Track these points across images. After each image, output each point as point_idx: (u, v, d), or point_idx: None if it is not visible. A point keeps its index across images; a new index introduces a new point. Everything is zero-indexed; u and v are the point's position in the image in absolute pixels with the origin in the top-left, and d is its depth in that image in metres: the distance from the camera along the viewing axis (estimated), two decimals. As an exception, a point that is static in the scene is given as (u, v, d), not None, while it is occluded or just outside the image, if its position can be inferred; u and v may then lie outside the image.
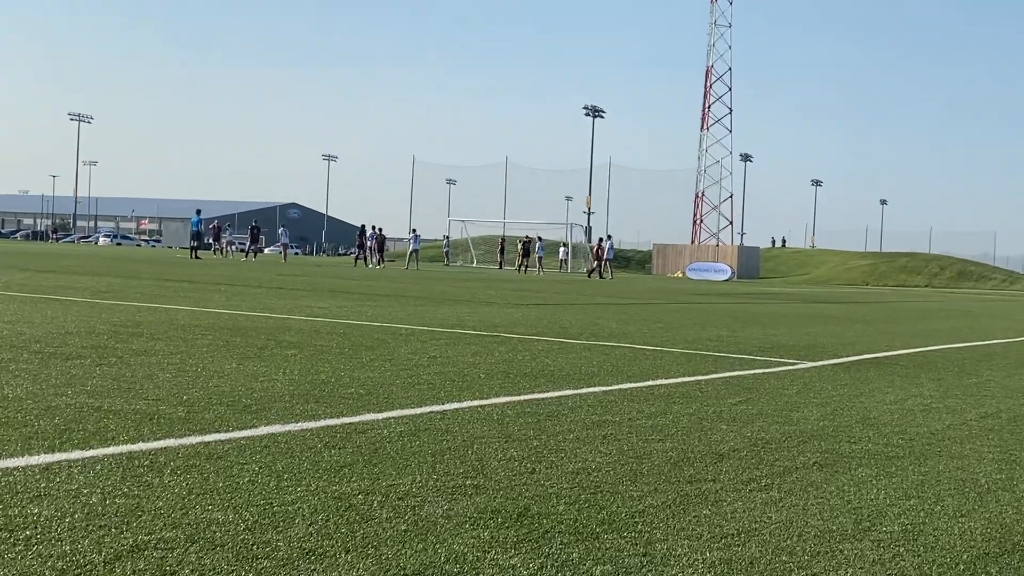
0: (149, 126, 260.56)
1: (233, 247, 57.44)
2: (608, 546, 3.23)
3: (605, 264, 46.68)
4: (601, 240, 48.17)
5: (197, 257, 42.89)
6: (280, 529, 3.21)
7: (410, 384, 6.40)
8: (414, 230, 51.91)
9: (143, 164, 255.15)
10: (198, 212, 47.45)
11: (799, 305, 23.76)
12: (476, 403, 5.78)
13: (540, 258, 54.87)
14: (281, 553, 2.99)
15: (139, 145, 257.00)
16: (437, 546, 3.13)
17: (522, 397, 6.12)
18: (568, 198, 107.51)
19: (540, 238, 57.96)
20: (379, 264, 47.17)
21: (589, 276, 45.32)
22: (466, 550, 3.11)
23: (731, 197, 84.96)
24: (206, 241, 59.45)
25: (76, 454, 4.03)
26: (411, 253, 49.19)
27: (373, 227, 48.86)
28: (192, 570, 2.81)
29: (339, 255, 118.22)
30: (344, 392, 5.93)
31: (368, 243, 47.94)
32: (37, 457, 3.94)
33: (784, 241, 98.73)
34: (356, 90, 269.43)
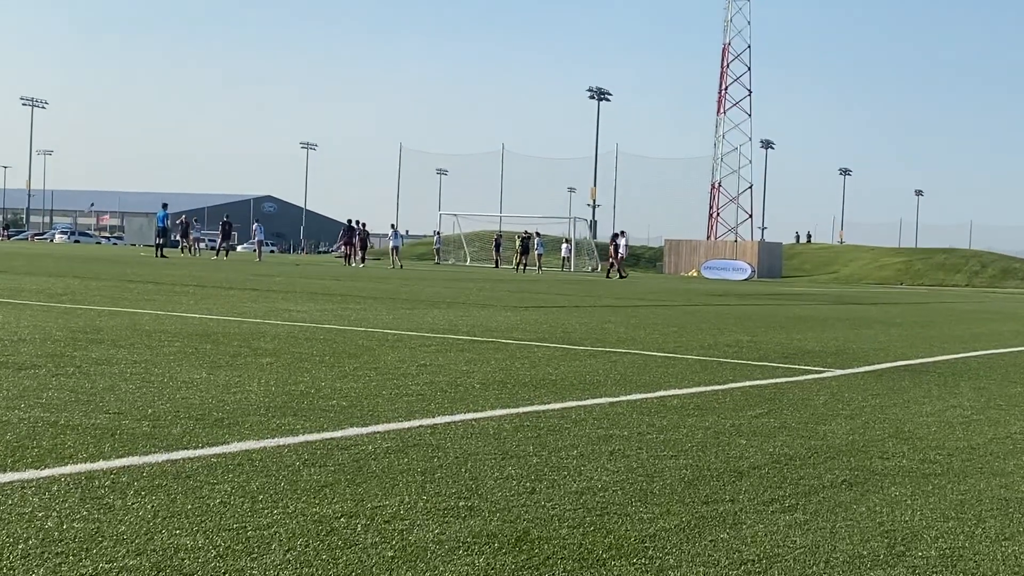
0: (110, 112, 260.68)
1: (202, 244, 57.48)
2: (616, 573, 3.23)
3: (618, 262, 46.58)
4: (615, 236, 47.92)
5: (163, 256, 42.93)
6: (255, 556, 3.21)
7: (397, 395, 6.40)
8: (393, 226, 51.96)
9: (103, 154, 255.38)
10: (164, 206, 47.47)
11: (826, 307, 23.77)
12: (470, 416, 5.78)
13: (540, 256, 54.96)
14: (256, 582, 2.99)
15: (99, 133, 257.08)
16: (427, 574, 3.13)
17: (521, 409, 6.12)
18: (571, 190, 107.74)
19: (539, 234, 58.02)
20: (361, 262, 47.27)
21: (620, 276, 45.16)
22: (460, 578, 3.11)
23: (751, 188, 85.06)
24: (173, 238, 59.52)
25: (30, 474, 4.03)
26: (391, 250, 49.33)
27: (358, 222, 48.97)
28: (158, 601, 2.81)
29: (319, 253, 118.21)
30: (325, 404, 5.93)
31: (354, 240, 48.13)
32: (-13, 477, 3.94)
33: (809, 236, 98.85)
34: (337, 71, 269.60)
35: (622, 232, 48.19)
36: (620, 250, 46.74)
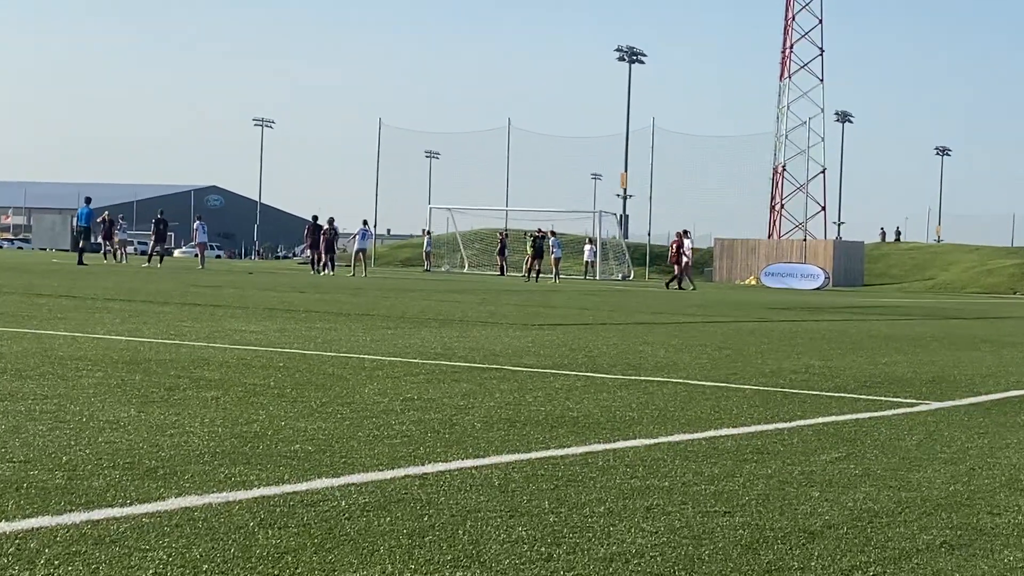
0: (13, 85, 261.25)
1: (130, 248, 57.64)
2: (655, 662, 3.23)
3: (684, 268, 46.02)
4: (680, 236, 47.15)
5: (83, 263, 42.98)
6: (198, 641, 3.21)
7: (377, 437, 6.41)
8: (364, 222, 51.68)
9: (4, 138, 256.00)
10: (87, 201, 47.51)
11: (920, 322, 23.73)
12: (469, 463, 5.78)
13: (557, 260, 54.99)
14: (199, 675, 3.00)
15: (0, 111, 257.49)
16: (416, 663, 3.13)
17: (533, 455, 6.12)
18: (595, 176, 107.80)
19: (555, 232, 58.09)
20: (327, 269, 47.22)
21: (678, 287, 44.77)
22: (457, 669, 3.11)
23: (823, 172, 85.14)
24: (94, 241, 59.69)
25: (-86, 539, 4.03)
26: (356, 253, 49.08)
27: (329, 220, 49.00)
28: None
29: (278, 258, 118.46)
30: (286, 449, 5.93)
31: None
32: None
33: (898, 233, 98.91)
34: (298, 29, 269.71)
35: (686, 231, 47.41)
36: (686, 254, 46.13)
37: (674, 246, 47.21)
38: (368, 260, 52.47)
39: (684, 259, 46.03)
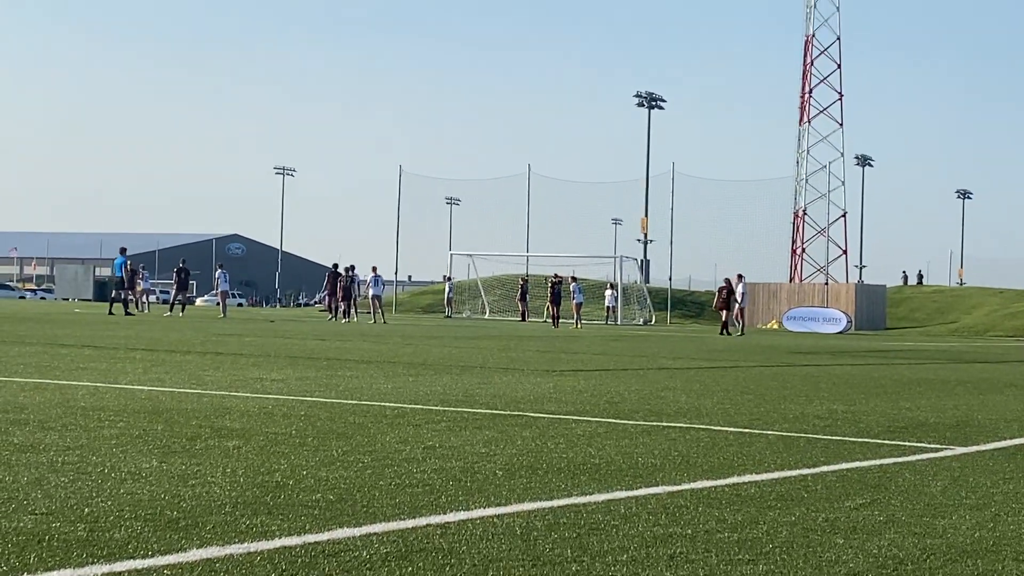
0: (36, 135, 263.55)
1: (152, 297, 57.89)
2: None
3: (737, 313, 45.51)
4: (730, 282, 46.35)
5: (128, 312, 43.26)
6: None
7: (399, 486, 6.40)
8: (374, 269, 51.53)
9: (28, 185, 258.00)
10: (123, 251, 47.64)
11: (944, 366, 23.63)
12: (491, 512, 5.77)
13: (579, 305, 55.00)
14: None
15: (22, 161, 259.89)
16: None
17: (555, 503, 6.11)
18: (616, 221, 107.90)
19: (575, 278, 58.12)
20: (347, 317, 47.42)
21: (740, 333, 44.40)
22: None
23: (844, 216, 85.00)
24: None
25: (-64, 592, 4.04)
26: (371, 300, 49.01)
27: (348, 268, 49.21)
28: None
29: (299, 305, 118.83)
30: (307, 499, 5.94)
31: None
32: None
33: (920, 277, 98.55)
34: (319, 78, 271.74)
35: (740, 276, 46.72)
36: (739, 299, 45.48)
37: (723, 291, 46.44)
38: (385, 307, 52.36)
39: (736, 304, 45.41)
